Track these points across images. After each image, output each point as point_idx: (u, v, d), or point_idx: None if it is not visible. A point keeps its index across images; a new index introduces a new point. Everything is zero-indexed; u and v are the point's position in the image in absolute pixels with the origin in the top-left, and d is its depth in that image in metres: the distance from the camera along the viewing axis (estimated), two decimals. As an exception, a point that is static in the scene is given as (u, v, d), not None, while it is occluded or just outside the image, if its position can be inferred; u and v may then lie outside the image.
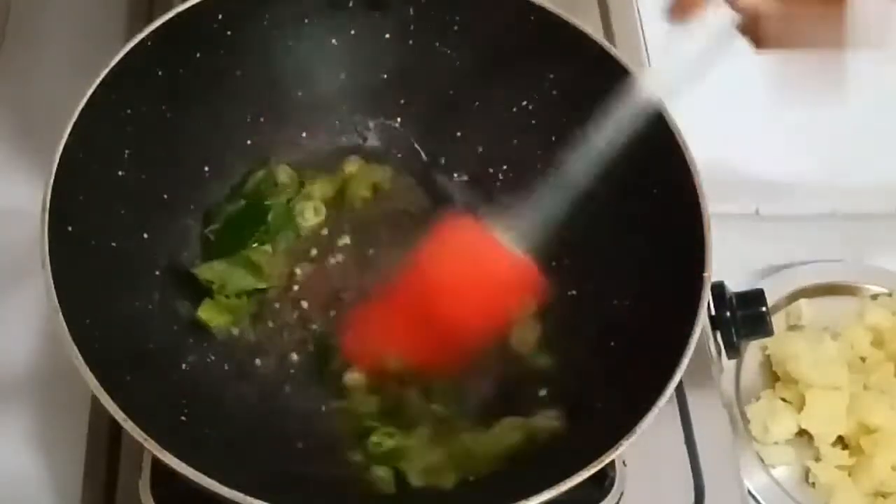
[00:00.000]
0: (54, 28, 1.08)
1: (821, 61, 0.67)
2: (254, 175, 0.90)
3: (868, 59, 0.68)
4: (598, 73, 0.85)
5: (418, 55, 0.91)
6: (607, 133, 0.77)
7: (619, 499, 0.82)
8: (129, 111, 0.81)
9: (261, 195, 0.89)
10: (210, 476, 0.65)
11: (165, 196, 0.85)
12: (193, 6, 0.83)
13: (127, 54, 0.79)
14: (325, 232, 0.91)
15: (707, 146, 0.83)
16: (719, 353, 0.92)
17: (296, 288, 0.88)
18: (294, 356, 0.85)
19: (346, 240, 0.91)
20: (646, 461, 0.84)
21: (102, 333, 0.72)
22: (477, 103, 0.92)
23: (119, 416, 0.67)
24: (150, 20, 0.81)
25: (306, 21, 0.89)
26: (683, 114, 0.82)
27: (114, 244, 0.79)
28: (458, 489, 0.77)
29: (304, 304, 0.88)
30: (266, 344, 0.86)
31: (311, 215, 0.90)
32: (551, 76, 0.89)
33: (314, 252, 0.90)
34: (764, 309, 0.91)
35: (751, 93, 1.18)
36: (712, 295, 0.90)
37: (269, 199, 0.89)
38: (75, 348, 0.68)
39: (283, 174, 0.91)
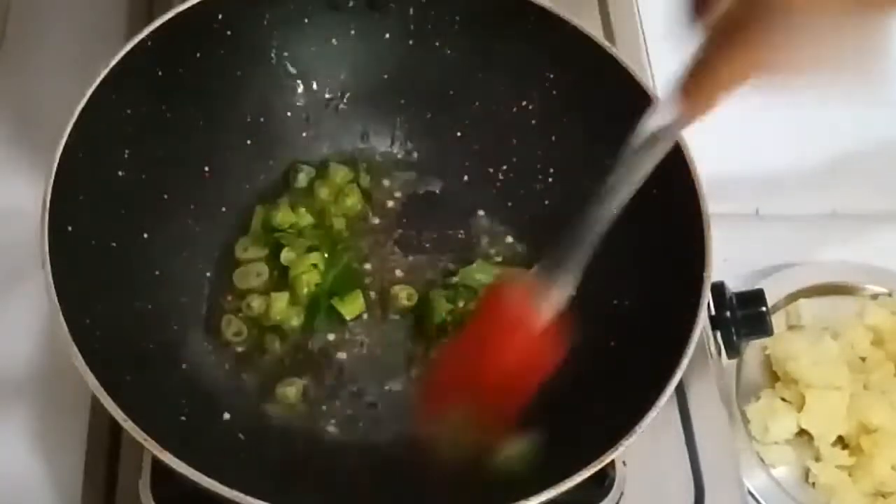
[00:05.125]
0: (54, 28, 1.08)
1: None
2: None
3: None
4: (598, 73, 0.85)
5: (418, 55, 0.91)
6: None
7: (619, 499, 0.82)
8: (129, 111, 0.81)
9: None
10: (209, 476, 0.65)
11: (165, 196, 0.85)
12: (193, 6, 0.83)
13: (127, 54, 0.79)
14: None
15: (707, 146, 0.83)
16: (719, 352, 0.93)
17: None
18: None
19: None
20: (646, 461, 0.84)
21: (102, 333, 0.72)
22: (477, 103, 0.92)
23: (119, 415, 0.67)
24: (150, 20, 0.81)
25: (306, 21, 0.89)
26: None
27: (114, 244, 0.79)
28: (458, 488, 0.77)
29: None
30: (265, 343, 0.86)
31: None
32: (551, 76, 0.89)
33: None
34: (764, 309, 0.91)
35: (751, 92, 1.18)
36: (712, 295, 0.90)
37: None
38: (75, 348, 0.68)
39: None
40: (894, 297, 1.09)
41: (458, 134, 0.94)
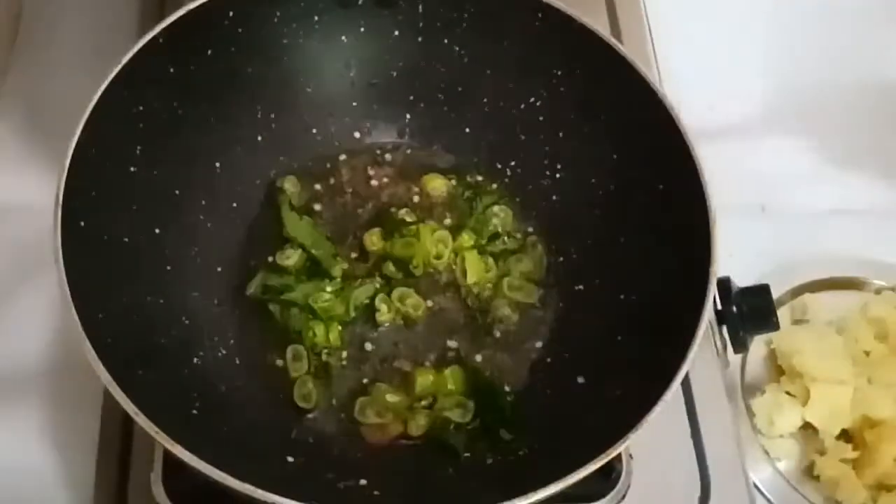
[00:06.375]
0: (67, 26, 1.09)
1: None
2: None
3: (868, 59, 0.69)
4: (605, 69, 0.86)
5: (427, 52, 0.92)
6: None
7: (626, 491, 0.83)
8: (140, 108, 0.81)
9: None
10: (221, 469, 0.66)
11: (177, 192, 0.85)
12: (204, 4, 0.83)
13: (139, 52, 0.80)
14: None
15: (713, 142, 0.83)
16: (725, 347, 0.93)
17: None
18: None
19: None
20: (652, 454, 0.85)
21: (115, 328, 0.72)
22: (485, 100, 0.93)
23: (131, 409, 0.67)
24: (161, 18, 0.82)
25: (316, 18, 0.90)
26: (690, 110, 0.83)
27: (126, 239, 0.79)
28: (466, 481, 0.78)
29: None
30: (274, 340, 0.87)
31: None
32: (559, 73, 0.89)
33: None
34: (769, 303, 0.91)
35: (757, 89, 1.19)
36: (718, 289, 0.91)
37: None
38: (88, 343, 0.68)
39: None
40: (898, 291, 1.09)
41: (467, 130, 0.95)
